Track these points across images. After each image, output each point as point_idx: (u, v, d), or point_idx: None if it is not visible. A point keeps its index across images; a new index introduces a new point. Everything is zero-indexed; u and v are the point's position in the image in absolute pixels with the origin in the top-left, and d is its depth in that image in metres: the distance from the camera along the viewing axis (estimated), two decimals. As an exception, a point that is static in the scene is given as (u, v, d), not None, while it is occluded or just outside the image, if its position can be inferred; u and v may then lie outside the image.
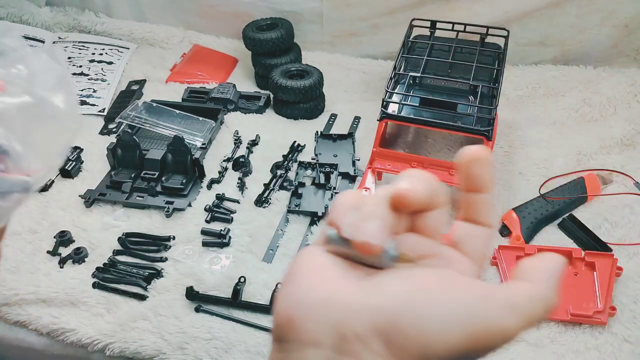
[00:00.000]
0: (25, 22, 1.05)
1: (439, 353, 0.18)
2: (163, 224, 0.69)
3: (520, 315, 0.19)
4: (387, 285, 0.19)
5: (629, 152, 0.75)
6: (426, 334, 0.18)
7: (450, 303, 0.18)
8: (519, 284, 0.20)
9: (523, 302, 0.19)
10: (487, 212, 0.23)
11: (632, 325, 0.56)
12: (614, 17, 0.86)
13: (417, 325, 0.18)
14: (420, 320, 0.18)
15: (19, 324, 0.60)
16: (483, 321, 0.18)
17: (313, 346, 0.18)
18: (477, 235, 0.23)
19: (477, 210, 0.23)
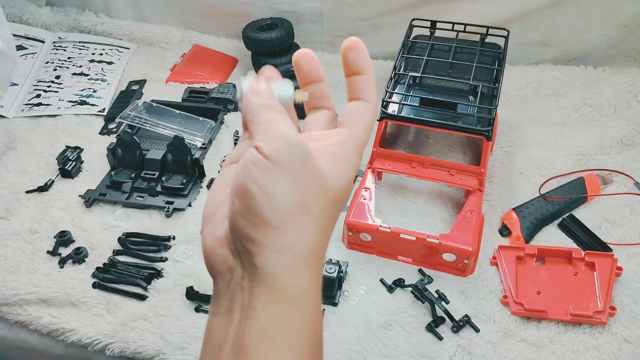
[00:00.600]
0: (25, 22, 1.05)
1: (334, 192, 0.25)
2: (163, 224, 0.69)
3: (360, 152, 0.27)
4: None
5: (629, 152, 0.75)
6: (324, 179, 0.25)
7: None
8: (348, 132, 0.27)
9: (360, 141, 0.27)
10: (367, 90, 0.28)
11: (632, 325, 0.56)
12: (614, 17, 0.86)
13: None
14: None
15: (19, 324, 0.60)
16: (352, 164, 0.26)
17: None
18: (357, 108, 0.28)
19: (358, 89, 0.28)
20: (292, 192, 0.23)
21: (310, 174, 0.24)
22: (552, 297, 0.59)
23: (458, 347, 0.56)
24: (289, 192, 0.23)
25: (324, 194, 0.24)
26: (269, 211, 0.23)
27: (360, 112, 0.28)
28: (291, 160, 0.23)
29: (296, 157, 0.23)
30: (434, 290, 0.60)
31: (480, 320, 0.58)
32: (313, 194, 0.24)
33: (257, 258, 0.23)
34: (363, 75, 0.28)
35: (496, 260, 0.63)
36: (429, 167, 0.68)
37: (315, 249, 0.24)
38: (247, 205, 0.23)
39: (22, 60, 0.97)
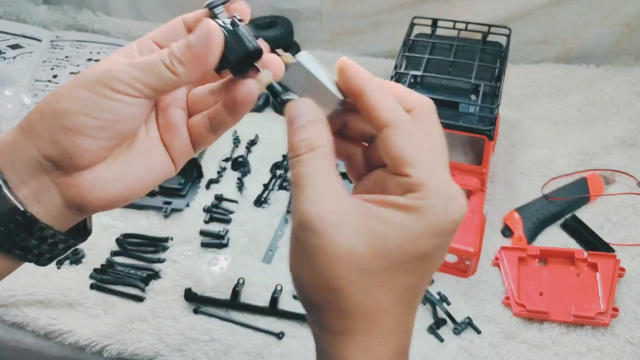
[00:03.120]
0: (22, 21, 1.04)
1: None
2: (161, 225, 0.69)
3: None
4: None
5: (632, 152, 0.75)
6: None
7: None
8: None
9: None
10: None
11: (634, 327, 0.56)
12: (616, 16, 0.85)
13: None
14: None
15: (16, 325, 0.59)
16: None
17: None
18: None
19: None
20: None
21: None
22: (554, 298, 0.58)
23: (459, 349, 0.55)
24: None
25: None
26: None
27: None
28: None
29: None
30: (436, 292, 0.59)
31: (481, 322, 0.57)
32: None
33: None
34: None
35: (498, 261, 0.62)
36: (430, 166, 0.68)
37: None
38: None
39: (19, 59, 0.97)
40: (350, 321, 0.23)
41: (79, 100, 0.25)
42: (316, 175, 0.23)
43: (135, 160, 0.27)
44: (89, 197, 0.26)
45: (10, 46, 0.99)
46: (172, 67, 0.25)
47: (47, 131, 0.25)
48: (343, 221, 0.22)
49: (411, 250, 0.22)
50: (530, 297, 0.58)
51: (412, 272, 0.23)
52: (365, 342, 0.23)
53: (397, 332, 0.24)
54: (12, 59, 0.97)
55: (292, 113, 0.24)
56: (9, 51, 0.98)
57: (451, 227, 0.23)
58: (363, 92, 0.24)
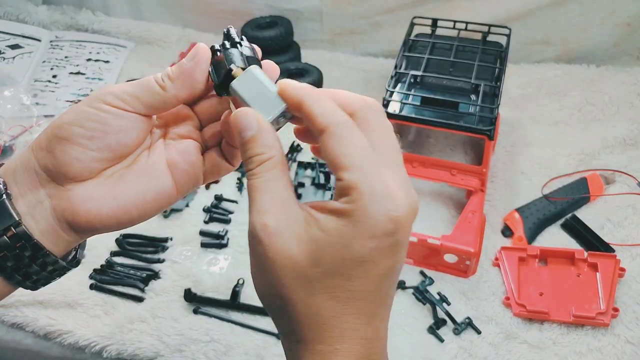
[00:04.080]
0: (22, 21, 1.04)
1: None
2: (161, 225, 0.69)
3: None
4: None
5: (632, 152, 0.75)
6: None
7: None
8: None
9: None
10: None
11: (635, 327, 0.56)
12: (616, 16, 0.85)
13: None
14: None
15: (16, 325, 0.59)
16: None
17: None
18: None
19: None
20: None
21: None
22: (554, 298, 0.58)
23: (459, 349, 0.55)
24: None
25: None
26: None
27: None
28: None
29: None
30: (436, 292, 0.59)
31: (482, 322, 0.57)
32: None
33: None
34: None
35: (498, 261, 0.62)
36: (430, 167, 0.68)
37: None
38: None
39: (18, 60, 0.97)
40: (301, 329, 0.23)
41: (75, 112, 0.27)
42: (264, 187, 0.24)
43: (131, 180, 0.28)
44: (79, 211, 0.26)
45: (10, 46, 0.99)
46: (161, 83, 0.27)
47: (45, 142, 0.27)
48: (285, 230, 0.23)
49: (346, 255, 0.22)
50: (531, 297, 0.58)
51: (355, 277, 0.23)
52: (319, 351, 0.23)
53: (355, 339, 0.23)
54: (11, 59, 0.97)
55: (239, 125, 0.25)
56: (8, 51, 0.98)
57: (388, 227, 0.22)
58: (302, 102, 0.24)
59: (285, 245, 0.23)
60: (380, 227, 0.22)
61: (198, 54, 0.28)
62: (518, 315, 0.57)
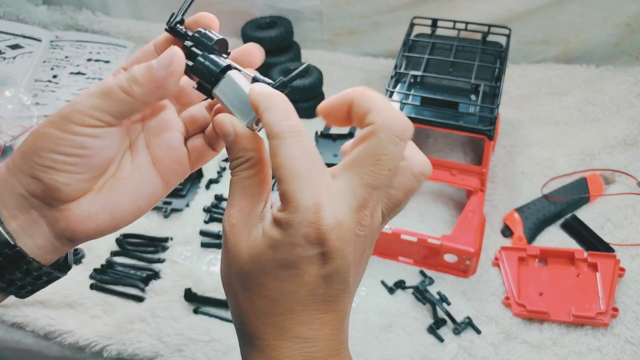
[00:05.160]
0: (22, 21, 1.04)
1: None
2: (161, 225, 0.69)
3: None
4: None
5: (632, 152, 0.75)
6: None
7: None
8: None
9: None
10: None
11: (634, 327, 0.56)
12: (617, 16, 0.85)
13: None
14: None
15: (16, 325, 0.59)
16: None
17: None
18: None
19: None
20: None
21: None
22: (554, 298, 0.58)
23: (459, 349, 0.55)
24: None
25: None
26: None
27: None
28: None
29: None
30: (435, 292, 0.59)
31: (481, 322, 0.57)
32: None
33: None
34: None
35: (498, 261, 0.62)
36: (430, 167, 0.68)
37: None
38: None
39: (19, 60, 0.97)
40: (242, 323, 0.26)
41: (47, 137, 0.25)
42: (239, 184, 0.26)
43: (122, 189, 0.28)
44: (78, 229, 0.27)
45: (10, 46, 0.99)
46: (128, 90, 0.26)
47: (27, 169, 0.26)
48: (242, 224, 0.25)
49: (274, 257, 0.24)
50: (530, 297, 0.58)
51: (283, 279, 0.24)
52: (258, 345, 0.25)
53: (289, 337, 0.25)
54: (12, 59, 0.97)
55: (219, 131, 0.26)
56: (8, 51, 0.98)
57: (313, 237, 0.23)
58: (257, 108, 0.25)
59: (238, 239, 0.25)
60: (301, 237, 0.23)
61: (174, 64, 0.26)
62: (518, 315, 0.57)
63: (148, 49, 0.29)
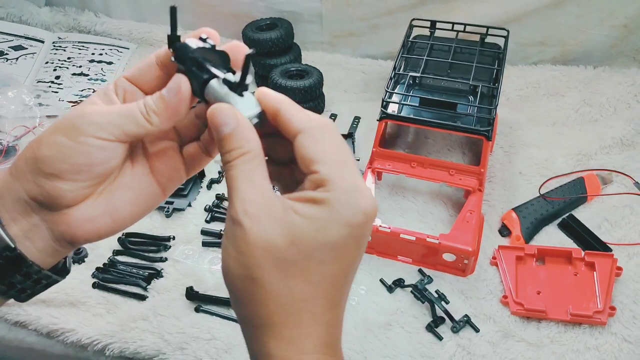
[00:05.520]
0: (25, 22, 1.05)
1: None
2: (163, 224, 0.69)
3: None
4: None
5: (629, 152, 0.75)
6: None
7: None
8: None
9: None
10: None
11: (632, 325, 0.56)
12: (614, 18, 0.86)
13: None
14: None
15: (19, 324, 0.60)
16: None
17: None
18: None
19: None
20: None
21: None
22: (552, 297, 0.59)
23: (458, 347, 0.56)
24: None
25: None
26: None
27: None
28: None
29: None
30: (434, 290, 0.60)
31: (480, 320, 0.58)
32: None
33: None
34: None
35: (496, 260, 0.63)
36: (429, 167, 0.68)
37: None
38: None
39: (21, 61, 0.97)
40: (271, 313, 0.24)
41: (55, 146, 0.26)
42: (245, 177, 0.25)
43: (121, 195, 0.29)
44: (78, 233, 0.28)
45: (13, 47, 0.99)
46: (147, 117, 0.27)
47: (31, 175, 0.26)
48: (264, 215, 0.24)
49: (322, 239, 0.24)
50: (528, 296, 0.59)
51: (327, 261, 0.24)
52: (285, 335, 0.24)
53: (318, 324, 0.25)
54: (14, 60, 0.97)
55: (217, 120, 0.26)
56: (11, 52, 0.98)
57: (360, 218, 0.24)
58: (279, 109, 0.26)
59: (265, 229, 0.24)
60: (353, 216, 0.24)
61: (182, 91, 0.27)
62: (516, 313, 0.58)
63: (150, 61, 0.29)
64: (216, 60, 0.28)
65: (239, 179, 0.25)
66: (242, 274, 0.25)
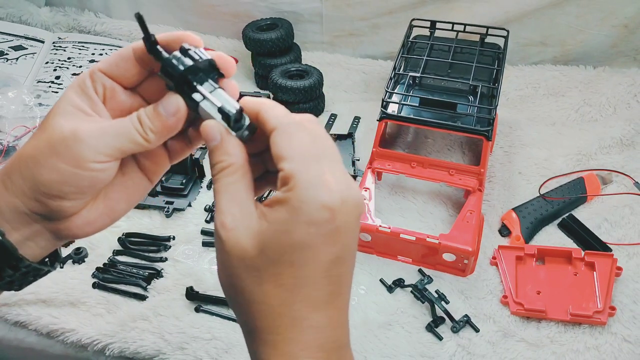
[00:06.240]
0: (25, 23, 1.05)
1: None
2: (163, 224, 0.69)
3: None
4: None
5: (629, 152, 0.75)
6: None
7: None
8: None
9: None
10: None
11: (631, 325, 0.56)
12: (614, 17, 0.86)
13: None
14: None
15: (19, 324, 0.60)
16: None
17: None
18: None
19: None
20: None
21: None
22: (551, 297, 0.59)
23: (458, 347, 0.56)
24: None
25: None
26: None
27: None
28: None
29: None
30: (434, 290, 0.60)
31: (480, 320, 0.58)
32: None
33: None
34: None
35: (496, 260, 0.63)
36: (429, 167, 0.68)
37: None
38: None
39: (22, 61, 0.97)
40: (253, 319, 0.25)
41: (57, 172, 0.26)
42: (225, 190, 0.26)
43: (116, 194, 0.30)
44: (79, 234, 0.29)
45: (13, 47, 0.99)
46: (145, 135, 0.27)
47: (31, 193, 0.27)
48: (240, 226, 0.24)
49: (287, 241, 0.23)
50: (528, 295, 0.59)
51: (298, 263, 0.24)
52: (271, 340, 0.25)
53: (306, 328, 0.24)
54: (14, 60, 0.97)
55: (206, 135, 0.27)
56: (11, 52, 0.98)
57: (324, 214, 0.23)
58: (259, 110, 0.27)
59: (238, 239, 0.24)
60: (315, 213, 0.23)
61: (180, 111, 0.27)
62: (516, 313, 0.58)
63: (126, 54, 0.29)
64: (205, 70, 0.28)
65: (220, 192, 0.26)
66: (226, 282, 0.26)
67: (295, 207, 0.23)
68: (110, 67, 0.29)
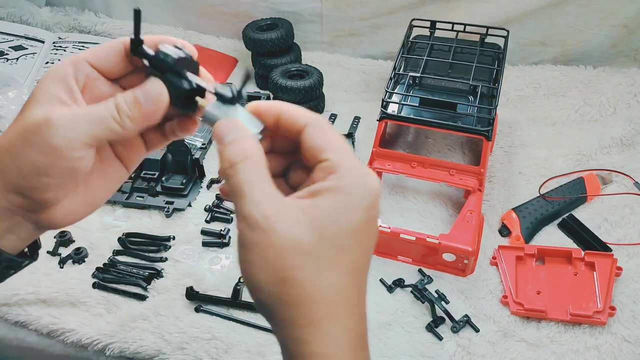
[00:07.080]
0: (25, 22, 1.05)
1: None
2: (163, 224, 0.69)
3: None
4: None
5: (629, 152, 0.75)
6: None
7: None
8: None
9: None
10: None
11: (631, 325, 0.56)
12: (614, 17, 0.86)
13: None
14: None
15: (19, 324, 0.60)
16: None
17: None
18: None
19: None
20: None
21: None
22: (551, 297, 0.59)
23: (458, 347, 0.56)
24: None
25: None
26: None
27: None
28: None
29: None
30: (434, 290, 0.60)
31: (480, 320, 0.58)
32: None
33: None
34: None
35: (496, 260, 0.63)
36: (429, 167, 0.68)
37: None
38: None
39: (22, 61, 0.97)
40: (310, 311, 0.24)
41: (34, 165, 0.26)
42: (255, 180, 0.25)
43: (95, 183, 0.30)
44: (61, 224, 0.29)
45: (13, 47, 1.00)
46: (121, 122, 0.27)
47: (13, 187, 0.27)
48: (285, 216, 0.24)
49: (344, 226, 0.24)
50: (528, 295, 0.59)
51: (352, 247, 0.25)
52: (325, 330, 0.24)
53: (354, 316, 0.25)
54: (15, 60, 0.98)
55: (223, 129, 0.26)
56: (12, 52, 0.98)
57: (370, 200, 0.25)
58: (281, 113, 0.27)
59: (288, 230, 0.24)
60: (364, 199, 0.25)
61: (161, 100, 0.27)
62: (516, 313, 0.58)
63: (117, 48, 0.29)
64: (192, 70, 0.28)
65: (249, 182, 0.24)
66: (274, 280, 0.24)
67: (350, 193, 0.24)
68: (99, 59, 0.28)
